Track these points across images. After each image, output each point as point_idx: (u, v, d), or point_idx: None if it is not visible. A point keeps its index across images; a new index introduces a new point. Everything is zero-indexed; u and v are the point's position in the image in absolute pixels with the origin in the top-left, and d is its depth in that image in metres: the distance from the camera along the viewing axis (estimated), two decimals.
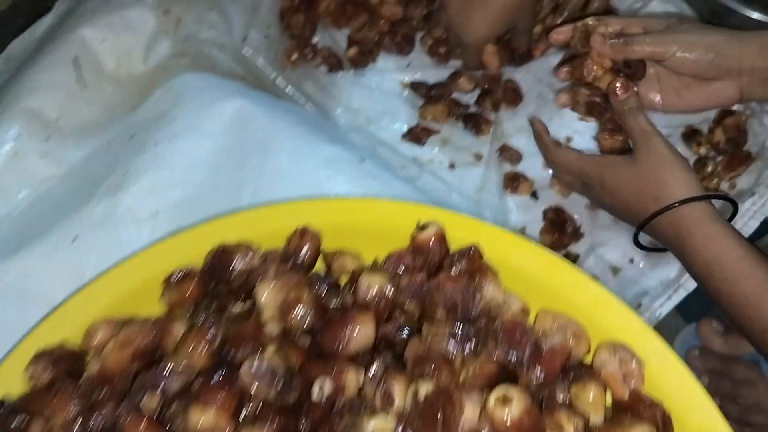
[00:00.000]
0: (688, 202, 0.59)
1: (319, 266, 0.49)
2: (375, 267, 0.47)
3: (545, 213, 0.75)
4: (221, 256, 0.47)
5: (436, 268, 0.45)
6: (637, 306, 0.67)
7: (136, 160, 0.58)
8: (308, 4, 0.86)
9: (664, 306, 0.68)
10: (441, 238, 0.45)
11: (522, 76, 0.83)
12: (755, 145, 0.77)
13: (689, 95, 0.68)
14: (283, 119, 0.63)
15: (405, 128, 0.81)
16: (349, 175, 0.59)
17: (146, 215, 0.56)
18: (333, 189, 0.57)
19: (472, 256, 0.43)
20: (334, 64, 0.86)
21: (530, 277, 0.45)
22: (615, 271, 0.70)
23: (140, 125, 0.63)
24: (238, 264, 0.47)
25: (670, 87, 0.69)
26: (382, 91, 0.83)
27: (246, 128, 0.61)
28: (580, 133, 0.79)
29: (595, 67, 0.66)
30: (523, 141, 0.80)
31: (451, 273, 0.42)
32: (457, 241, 0.47)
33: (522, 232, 0.74)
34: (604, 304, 0.44)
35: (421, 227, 0.46)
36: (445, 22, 0.79)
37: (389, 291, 0.43)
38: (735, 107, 0.80)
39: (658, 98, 0.69)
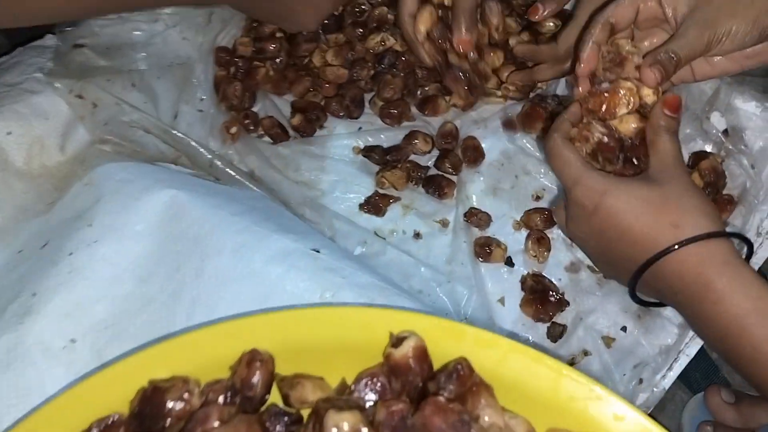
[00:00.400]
0: (717, 236, 0.48)
1: (275, 396, 0.40)
2: (343, 392, 0.38)
3: (523, 281, 0.67)
4: (152, 397, 0.37)
5: (419, 392, 0.36)
6: (638, 382, 0.59)
7: (48, 276, 0.48)
8: (245, 71, 0.79)
9: (667, 377, 0.60)
10: (421, 355, 0.36)
11: (481, 132, 0.77)
12: (735, 188, 0.72)
13: (723, 62, 0.58)
14: (223, 209, 0.54)
15: (362, 198, 0.73)
16: (303, 270, 0.50)
17: (61, 345, 0.46)
18: (286, 290, 0.48)
19: (462, 376, 0.35)
20: (279, 134, 0.77)
21: (531, 390, 0.37)
22: (608, 342, 0.63)
23: (55, 230, 0.53)
24: (173, 405, 0.37)
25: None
26: (333, 160, 0.75)
27: (180, 224, 0.52)
28: (554, 189, 0.72)
29: (632, 100, 0.54)
30: (489, 202, 0.73)
31: (439, 400, 0.34)
32: (438, 347, 0.39)
33: (501, 303, 0.67)
34: (622, 421, 0.36)
35: (396, 341, 0.38)
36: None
37: None
38: (707, 148, 0.75)
39: (688, 70, 0.60)
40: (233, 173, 0.69)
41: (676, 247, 0.47)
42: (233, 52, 0.78)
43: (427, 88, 0.78)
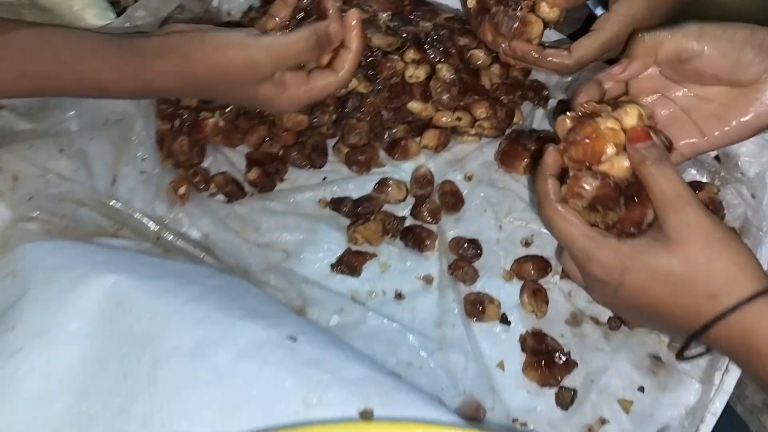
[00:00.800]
0: (759, 296, 0.41)
1: None
2: None
3: (523, 341, 0.60)
4: None
5: None
6: None
7: None
8: (191, 124, 0.70)
9: None
10: None
11: (457, 174, 0.70)
12: (736, 219, 0.66)
13: (735, 113, 0.49)
14: (176, 295, 0.44)
15: (333, 257, 0.65)
16: (280, 367, 0.40)
17: None
18: (262, 394, 0.39)
19: None
20: (234, 191, 0.68)
21: None
22: (625, 406, 0.55)
23: None
24: None
25: (707, 115, 0.51)
26: (297, 216, 0.67)
27: (124, 318, 0.42)
28: (544, 233, 0.65)
29: (617, 137, 0.46)
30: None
31: None
32: None
33: (501, 368, 0.59)
34: None
35: None
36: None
37: None
38: (701, 178, 0.69)
39: (695, 137, 0.51)
40: (185, 245, 0.60)
41: (718, 320, 0.41)
42: (177, 103, 0.69)
43: (395, 131, 0.71)
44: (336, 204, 0.66)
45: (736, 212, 0.64)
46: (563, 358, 0.57)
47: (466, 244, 0.63)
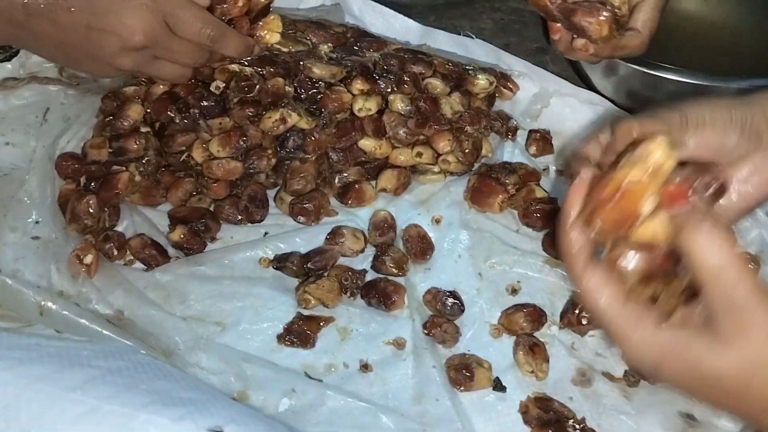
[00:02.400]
0: None
1: None
2: None
3: (524, 411, 0.48)
4: None
5: None
6: None
7: None
8: (101, 180, 0.58)
9: None
10: None
11: (422, 217, 0.59)
12: (752, 244, 0.55)
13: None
14: (55, 382, 0.32)
15: (280, 327, 0.52)
16: None
17: None
18: None
19: None
20: (154, 256, 0.55)
21: None
22: None
23: None
24: None
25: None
26: (234, 280, 0.54)
27: None
28: (533, 276, 0.54)
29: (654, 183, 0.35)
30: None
31: None
32: None
33: None
34: None
35: None
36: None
37: None
38: None
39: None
40: (89, 323, 0.47)
41: None
42: (83, 158, 0.58)
43: (346, 174, 0.60)
44: (281, 262, 0.55)
45: (751, 235, 0.55)
46: (577, 427, 0.45)
47: (444, 297, 0.52)
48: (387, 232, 0.56)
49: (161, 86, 0.58)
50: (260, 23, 0.57)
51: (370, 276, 0.54)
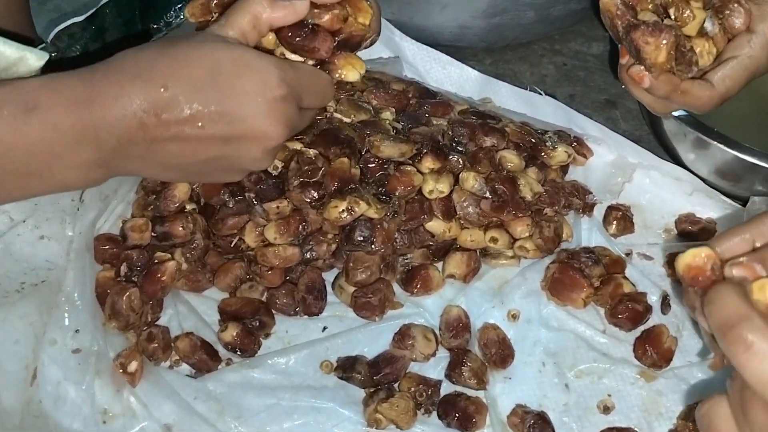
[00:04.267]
0: None
1: None
2: None
3: None
4: None
5: None
6: None
7: None
8: (143, 268, 0.51)
9: None
10: None
11: (498, 311, 0.53)
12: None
13: None
14: None
15: None
16: None
17: None
18: None
19: None
20: (204, 361, 0.49)
21: None
22: None
23: None
24: None
25: None
26: (293, 390, 0.48)
27: None
28: (626, 391, 0.48)
29: None
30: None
31: None
32: None
33: None
34: None
35: None
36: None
37: None
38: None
39: None
40: None
41: None
42: (123, 241, 0.52)
43: (410, 257, 0.55)
44: (345, 371, 0.49)
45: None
46: None
47: (532, 421, 0.46)
48: (462, 333, 0.50)
49: None
50: (343, 53, 0.47)
51: (446, 387, 0.49)
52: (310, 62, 0.45)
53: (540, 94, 0.64)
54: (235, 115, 0.38)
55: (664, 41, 0.43)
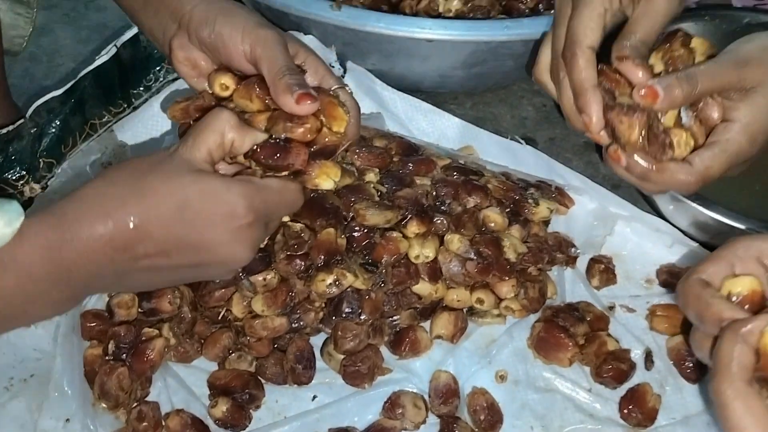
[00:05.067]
0: None
1: None
2: None
3: None
4: None
5: None
6: None
7: None
8: (131, 346, 0.51)
9: None
10: None
11: (486, 373, 0.54)
12: None
13: None
14: None
15: None
16: None
17: None
18: None
19: None
20: None
21: None
22: None
23: None
24: None
25: None
26: None
27: None
28: None
29: None
30: None
31: None
32: None
33: None
34: None
35: None
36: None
37: None
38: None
39: None
40: None
41: None
42: (110, 317, 0.51)
43: (397, 319, 0.55)
44: None
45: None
46: None
47: None
48: (451, 399, 0.51)
49: None
50: (318, 162, 0.46)
51: None
52: (284, 172, 0.44)
53: (520, 143, 0.64)
54: (202, 245, 0.40)
55: (637, 120, 0.45)
